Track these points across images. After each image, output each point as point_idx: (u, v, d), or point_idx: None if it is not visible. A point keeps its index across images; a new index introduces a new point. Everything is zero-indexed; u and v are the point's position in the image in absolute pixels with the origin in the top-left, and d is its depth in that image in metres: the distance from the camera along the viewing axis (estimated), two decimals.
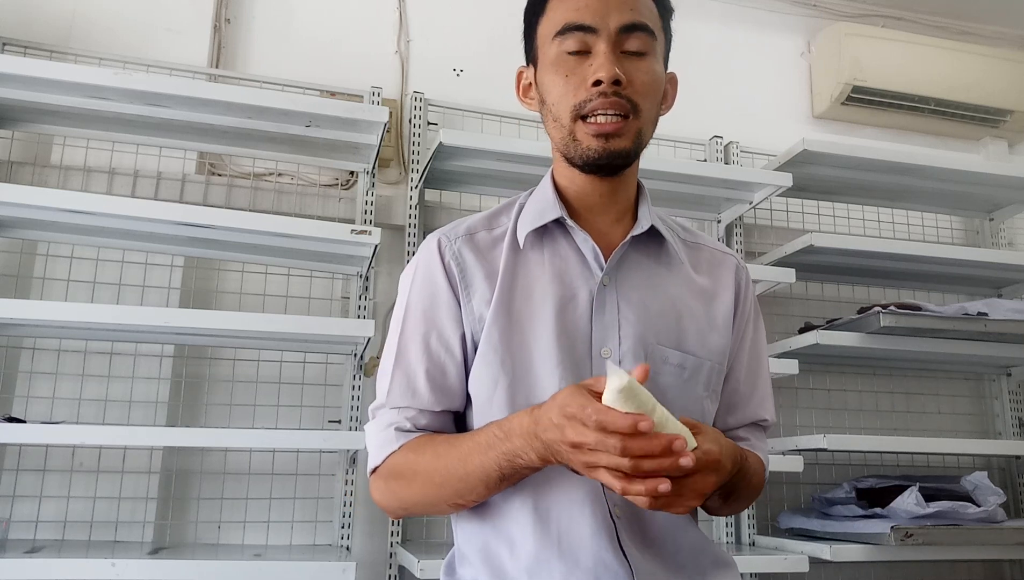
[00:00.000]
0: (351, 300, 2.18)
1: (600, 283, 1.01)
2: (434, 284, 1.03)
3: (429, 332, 1.01)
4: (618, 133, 0.97)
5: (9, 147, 2.15)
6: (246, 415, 2.13)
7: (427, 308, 1.02)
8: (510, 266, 1.02)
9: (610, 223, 1.06)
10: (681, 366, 1.01)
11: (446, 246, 1.04)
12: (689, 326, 1.03)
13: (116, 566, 1.63)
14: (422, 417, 1.00)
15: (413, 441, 0.98)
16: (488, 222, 1.08)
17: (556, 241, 1.04)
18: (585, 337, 0.99)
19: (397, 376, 1.01)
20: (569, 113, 0.97)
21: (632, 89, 0.96)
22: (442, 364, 1.01)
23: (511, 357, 0.98)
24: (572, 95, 0.97)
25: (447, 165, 2.17)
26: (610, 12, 0.97)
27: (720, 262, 1.12)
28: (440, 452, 0.95)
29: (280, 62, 2.40)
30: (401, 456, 0.98)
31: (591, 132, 0.97)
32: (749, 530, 2.34)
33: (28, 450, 1.98)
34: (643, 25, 0.98)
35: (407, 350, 1.02)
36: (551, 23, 1.00)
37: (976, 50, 2.84)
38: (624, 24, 0.97)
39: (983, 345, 2.34)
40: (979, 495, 2.13)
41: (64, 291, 2.08)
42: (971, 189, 2.60)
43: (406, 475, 0.98)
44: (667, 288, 1.05)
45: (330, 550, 2.03)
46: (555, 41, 0.99)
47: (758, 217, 2.66)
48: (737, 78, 2.80)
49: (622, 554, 0.94)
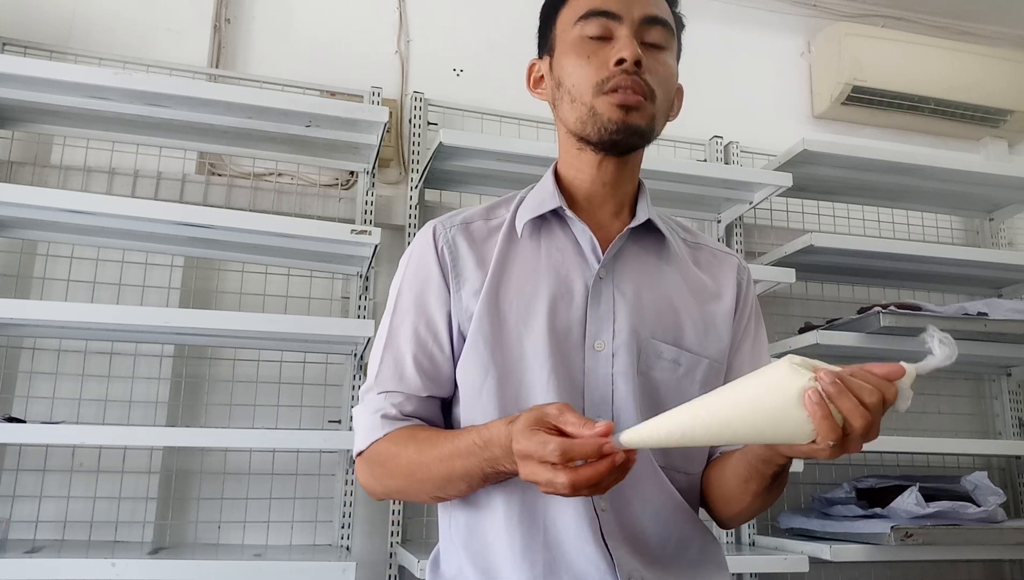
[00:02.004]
0: (351, 300, 2.18)
1: (596, 275, 1.01)
2: (426, 271, 1.03)
3: (419, 318, 1.02)
4: (638, 107, 0.98)
5: (9, 147, 2.15)
6: (246, 415, 2.13)
7: (418, 294, 1.03)
8: (503, 255, 1.03)
9: (609, 216, 1.06)
10: (676, 362, 1.00)
11: (440, 233, 1.05)
12: (686, 322, 1.03)
13: (116, 566, 1.63)
14: (408, 403, 1.00)
15: (396, 433, 0.98)
16: (486, 213, 1.09)
17: (553, 232, 1.05)
18: (579, 329, 0.99)
19: (386, 359, 1.02)
20: (591, 90, 0.98)
21: (651, 75, 0.98)
22: (430, 351, 1.01)
23: (501, 348, 0.98)
24: (595, 73, 0.98)
25: (447, 165, 2.17)
26: (633, 3, 0.99)
27: (722, 262, 1.12)
28: (422, 449, 0.95)
29: (280, 62, 2.40)
30: (384, 446, 0.98)
31: (614, 102, 0.97)
32: (749, 530, 2.34)
33: (28, 450, 1.98)
34: (664, 20, 1.01)
35: (397, 334, 1.02)
36: (573, 10, 1.02)
37: (976, 50, 2.84)
38: (647, 15, 0.99)
39: (983, 345, 2.34)
40: (979, 495, 2.13)
41: (64, 291, 2.08)
42: (971, 189, 2.60)
43: (388, 465, 0.98)
44: (665, 283, 1.04)
45: (330, 550, 2.03)
46: (577, 25, 1.00)
47: (758, 217, 2.66)
48: (737, 78, 2.80)
49: (604, 547, 0.93)
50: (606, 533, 0.94)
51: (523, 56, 1.13)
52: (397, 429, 0.99)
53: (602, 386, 0.97)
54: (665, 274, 1.05)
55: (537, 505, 0.95)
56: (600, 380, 0.98)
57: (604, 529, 0.94)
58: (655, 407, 0.96)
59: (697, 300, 1.06)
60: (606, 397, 0.97)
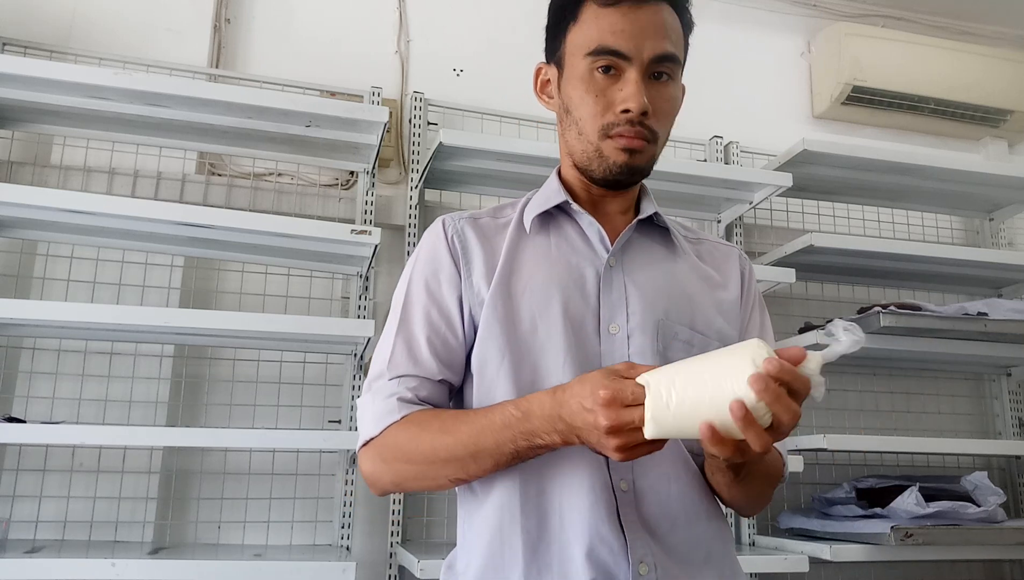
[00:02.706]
0: (351, 300, 2.18)
1: (607, 264, 1.03)
2: (437, 259, 1.05)
3: (431, 304, 1.03)
4: (641, 150, 1.01)
5: (9, 147, 2.15)
6: (246, 415, 2.13)
7: (430, 280, 1.04)
8: (514, 246, 1.05)
9: (614, 213, 1.10)
10: (689, 343, 1.01)
11: (450, 224, 1.07)
12: (698, 305, 1.05)
13: (116, 566, 1.63)
14: (423, 387, 1.00)
15: (417, 413, 0.98)
16: (493, 213, 1.12)
17: (562, 226, 1.08)
18: (593, 316, 1.00)
19: (399, 344, 1.02)
20: (597, 132, 1.01)
21: (655, 119, 1.01)
22: (443, 334, 1.02)
23: (515, 331, 0.99)
24: (600, 116, 1.00)
25: (447, 165, 2.17)
26: (645, 40, 0.99)
27: (724, 255, 1.15)
28: (448, 427, 0.94)
29: (280, 62, 2.40)
30: (403, 428, 0.97)
31: (619, 145, 1.00)
32: (749, 530, 2.34)
33: (28, 450, 1.98)
34: (673, 56, 1.01)
35: (409, 319, 1.03)
36: (584, 36, 1.01)
37: (976, 50, 2.84)
38: (657, 55, 0.99)
39: (983, 345, 2.34)
40: (979, 495, 2.13)
41: (64, 291, 2.08)
42: (971, 189, 2.60)
43: (406, 447, 0.97)
44: (674, 270, 1.07)
45: (330, 550, 2.03)
46: (587, 59, 1.00)
47: (758, 217, 2.66)
48: (737, 78, 2.80)
49: (620, 529, 0.93)
50: (623, 515, 0.94)
51: (523, 56, 1.13)
52: (416, 411, 0.98)
53: None
54: (673, 262, 1.08)
55: (554, 486, 0.95)
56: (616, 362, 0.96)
57: (621, 510, 0.94)
58: None
59: (705, 285, 1.08)
60: None
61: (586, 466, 0.94)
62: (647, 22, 0.99)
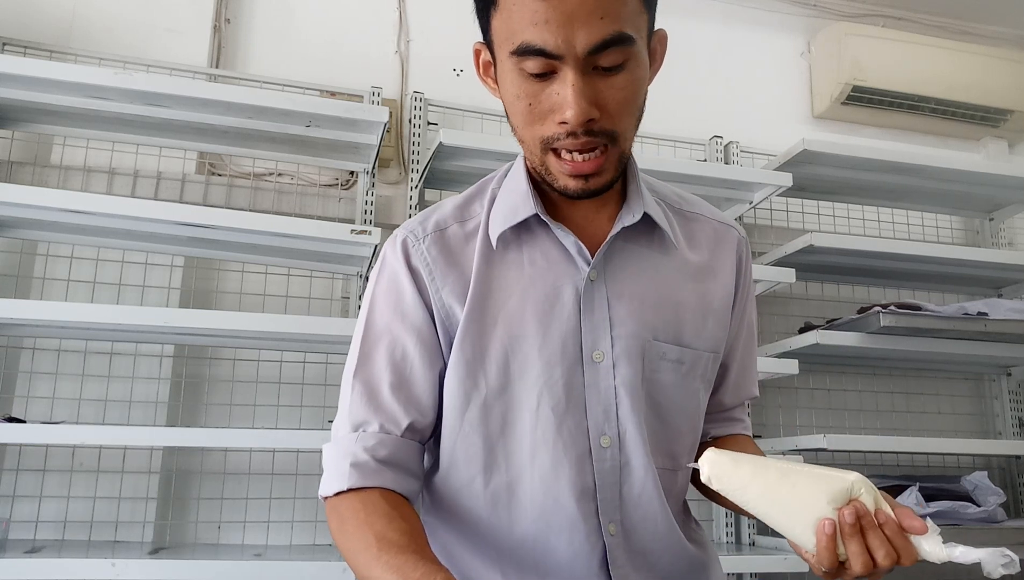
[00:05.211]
0: (351, 300, 2.18)
1: (587, 278, 0.91)
2: (399, 290, 0.94)
3: (393, 339, 0.93)
4: (598, 171, 0.85)
5: (9, 147, 2.15)
6: (246, 415, 2.13)
7: (392, 311, 0.94)
8: (483, 271, 0.92)
9: (594, 209, 0.96)
10: (679, 361, 0.94)
11: (413, 246, 0.95)
12: (687, 317, 0.96)
13: (116, 566, 1.63)
14: (382, 446, 0.89)
15: (361, 499, 0.86)
16: (459, 213, 0.98)
17: (535, 236, 0.94)
18: (574, 340, 0.90)
19: (358, 387, 0.92)
20: (538, 145, 0.86)
21: (607, 117, 0.83)
22: (407, 373, 0.92)
23: (484, 372, 0.90)
24: (538, 127, 0.84)
25: (447, 165, 2.17)
26: (576, 29, 0.78)
27: (721, 237, 1.04)
28: (370, 550, 0.81)
29: (280, 62, 2.40)
30: (348, 504, 0.87)
31: (566, 171, 0.85)
32: (749, 530, 2.34)
33: (28, 450, 1.98)
34: (615, 38, 0.80)
35: (369, 357, 0.93)
36: (505, 28, 0.83)
37: (976, 50, 2.84)
38: (593, 45, 0.79)
39: (983, 345, 2.34)
40: (979, 495, 2.13)
41: (64, 291, 2.08)
42: (971, 189, 2.60)
43: (343, 530, 0.87)
44: (663, 274, 0.96)
45: (330, 550, 2.03)
46: (512, 58, 0.82)
47: (758, 217, 2.66)
48: (737, 78, 2.80)
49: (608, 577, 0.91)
50: (611, 560, 0.91)
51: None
52: (364, 493, 0.87)
53: (604, 400, 0.91)
54: (661, 262, 0.96)
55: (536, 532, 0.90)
56: (602, 394, 0.91)
57: (610, 555, 0.91)
58: (659, 413, 0.94)
59: (694, 284, 0.98)
60: (610, 412, 0.91)
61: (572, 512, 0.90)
62: (575, 4, 0.78)
